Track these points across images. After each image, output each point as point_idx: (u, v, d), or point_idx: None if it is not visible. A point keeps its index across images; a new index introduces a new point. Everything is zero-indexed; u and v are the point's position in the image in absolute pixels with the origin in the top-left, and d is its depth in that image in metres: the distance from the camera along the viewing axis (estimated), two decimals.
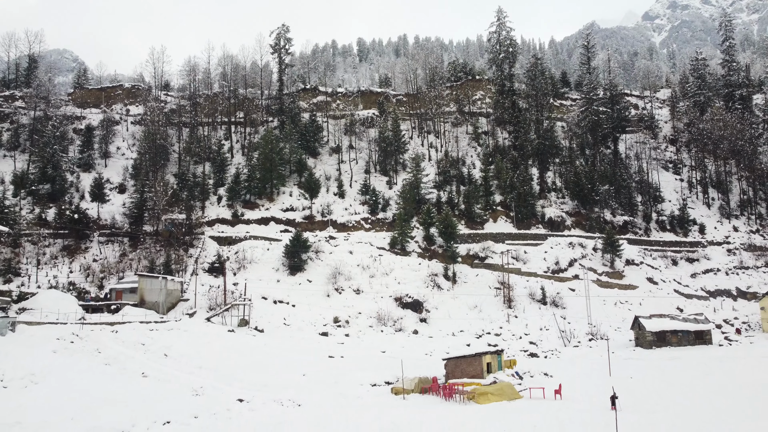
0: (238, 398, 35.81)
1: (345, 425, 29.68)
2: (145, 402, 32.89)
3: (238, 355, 50.12)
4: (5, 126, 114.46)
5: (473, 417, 30.69)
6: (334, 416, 32.17)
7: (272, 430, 28.52)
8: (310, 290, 79.69)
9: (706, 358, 54.55)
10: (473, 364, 43.05)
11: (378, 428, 28.10)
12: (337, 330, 70.23)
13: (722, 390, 36.45)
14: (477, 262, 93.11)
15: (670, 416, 28.51)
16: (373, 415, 31.60)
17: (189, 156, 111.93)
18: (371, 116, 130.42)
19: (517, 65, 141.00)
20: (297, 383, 42.88)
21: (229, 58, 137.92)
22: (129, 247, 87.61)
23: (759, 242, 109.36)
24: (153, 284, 68.07)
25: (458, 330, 74.34)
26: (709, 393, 35.64)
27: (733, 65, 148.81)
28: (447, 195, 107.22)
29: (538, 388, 38.26)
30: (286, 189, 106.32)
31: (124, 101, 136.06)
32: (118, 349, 44.54)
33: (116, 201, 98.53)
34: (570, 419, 28.68)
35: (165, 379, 39.20)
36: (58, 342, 42.98)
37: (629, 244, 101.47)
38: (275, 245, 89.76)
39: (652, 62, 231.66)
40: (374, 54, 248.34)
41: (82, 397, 32.14)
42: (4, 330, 44.60)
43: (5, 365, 34.05)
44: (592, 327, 76.26)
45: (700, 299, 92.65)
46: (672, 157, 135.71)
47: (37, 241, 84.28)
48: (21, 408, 28.78)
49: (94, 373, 37.28)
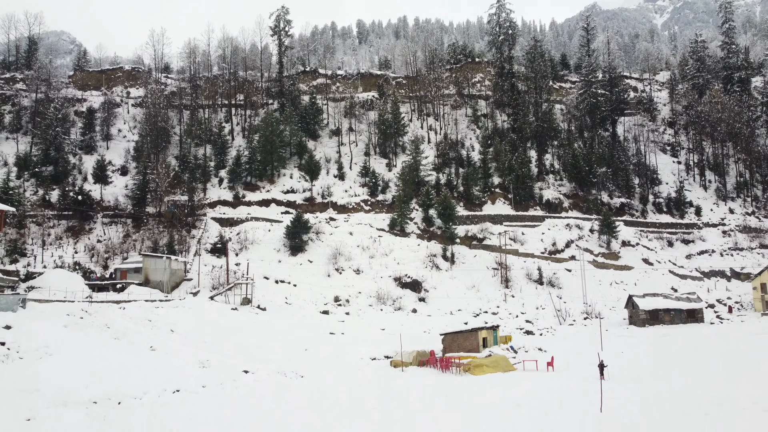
0: (243, 370, 37.33)
1: (346, 394, 31.17)
2: (155, 372, 34.36)
3: (241, 332, 51.68)
4: (7, 108, 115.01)
5: (468, 386, 32.21)
6: (336, 386, 33.72)
7: (277, 398, 30.01)
8: (311, 270, 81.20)
9: (696, 335, 56.14)
10: (470, 339, 44.59)
11: (378, 396, 29.57)
12: (337, 309, 71.89)
13: (707, 361, 37.98)
14: (475, 243, 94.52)
15: (653, 384, 30.02)
16: (373, 385, 33.14)
17: (190, 138, 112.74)
18: (371, 99, 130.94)
19: (517, 47, 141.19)
20: (299, 357, 44.45)
21: (228, 41, 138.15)
22: (132, 228, 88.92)
23: (754, 224, 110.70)
24: (157, 264, 69.51)
25: (456, 309, 75.95)
26: (694, 364, 37.18)
27: (732, 47, 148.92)
28: (446, 177, 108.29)
29: (532, 360, 39.81)
30: (287, 171, 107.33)
31: (125, 84, 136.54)
32: (126, 325, 46.04)
33: (119, 183, 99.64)
34: (560, 387, 30.18)
35: (172, 353, 40.70)
36: (68, 317, 44.41)
37: (626, 226, 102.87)
38: (276, 226, 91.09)
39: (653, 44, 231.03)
40: (374, 36, 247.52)
41: (94, 367, 33.59)
42: (15, 307, 45.94)
43: (20, 338, 35.45)
44: (587, 306, 77.93)
45: (694, 280, 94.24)
46: (670, 139, 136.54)
47: (41, 222, 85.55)
48: (38, 377, 30.19)
49: (104, 347, 38.76)
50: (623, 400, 25.52)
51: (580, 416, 22.80)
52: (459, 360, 39.49)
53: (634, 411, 23.53)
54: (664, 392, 27.37)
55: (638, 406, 24.58)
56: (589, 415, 22.87)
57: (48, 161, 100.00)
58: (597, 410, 23.32)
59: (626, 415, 22.73)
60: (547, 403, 25.65)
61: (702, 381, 30.34)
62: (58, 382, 29.90)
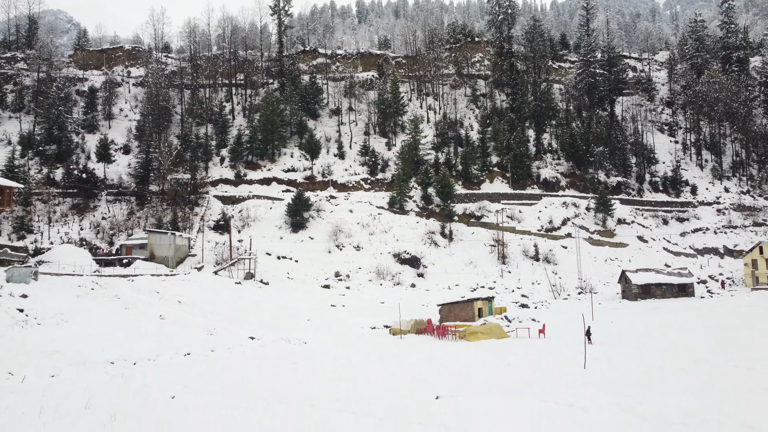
0: (249, 336, 39.19)
1: (348, 356, 33.01)
2: (165, 338, 36.22)
3: (246, 304, 53.53)
4: (9, 88, 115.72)
5: (463, 350, 34.05)
6: (337, 350, 35.56)
7: (283, 358, 31.84)
8: (312, 247, 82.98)
9: (684, 307, 58.01)
10: (466, 309, 46.42)
11: (377, 358, 31.41)
12: (338, 283, 73.79)
13: (690, 328, 39.79)
14: (473, 220, 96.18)
15: (637, 346, 31.85)
16: (372, 348, 34.99)
17: (191, 118, 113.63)
18: (370, 78, 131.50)
19: (518, 27, 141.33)
20: (302, 327, 46.33)
21: (228, 20, 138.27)
22: (136, 205, 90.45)
23: (748, 202, 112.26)
24: (162, 240, 71.14)
25: (454, 284, 77.84)
26: (678, 331, 39.00)
27: (731, 27, 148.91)
28: (445, 156, 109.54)
29: (524, 328, 41.65)
30: (287, 150, 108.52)
31: (125, 63, 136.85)
32: (135, 296, 47.84)
33: (121, 161, 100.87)
34: (549, 350, 32.03)
35: (181, 322, 42.53)
36: (80, 289, 46.18)
37: (621, 204, 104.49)
38: (278, 204, 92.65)
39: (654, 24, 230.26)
40: (373, 15, 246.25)
41: (108, 333, 35.45)
42: (27, 279, 47.69)
43: (36, 306, 37.24)
44: (581, 281, 79.86)
45: (688, 257, 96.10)
46: (668, 119, 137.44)
47: (47, 199, 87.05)
48: (56, 341, 32.00)
49: (115, 315, 40.57)
50: (607, 360, 27.34)
51: (565, 372, 24.60)
52: (455, 328, 41.32)
53: (615, 367, 25.34)
54: (645, 353, 29.20)
55: (620, 363, 26.40)
56: (574, 370, 24.68)
57: (51, 140, 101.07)
58: (581, 367, 25.13)
59: (607, 370, 24.53)
60: (536, 363, 27.47)
61: (682, 344, 32.15)
62: (76, 346, 31.73)
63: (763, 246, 79.35)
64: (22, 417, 18.24)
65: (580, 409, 17.09)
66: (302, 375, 26.33)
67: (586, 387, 20.64)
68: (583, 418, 16.05)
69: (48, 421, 17.55)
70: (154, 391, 22.78)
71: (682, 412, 16.27)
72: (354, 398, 19.85)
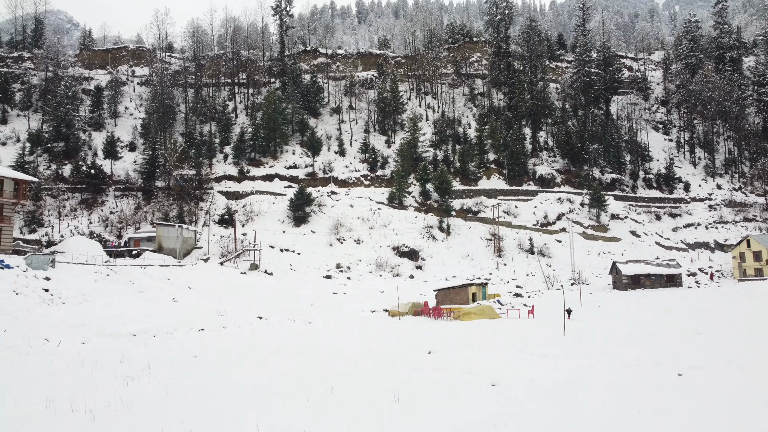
0: (257, 316, 41.90)
1: (350, 334, 35.69)
2: (180, 317, 38.91)
3: (252, 290, 56.23)
4: (16, 87, 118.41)
5: (456, 328, 36.72)
6: (340, 329, 38.24)
7: (293, 331, 34.53)
8: (314, 240, 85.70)
9: (671, 295, 60.68)
10: (460, 293, 49.09)
11: (377, 331, 34.10)
12: (339, 274, 76.52)
13: (669, 311, 42.47)
14: (470, 215, 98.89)
15: (614, 321, 34.55)
16: (372, 326, 37.67)
17: (195, 116, 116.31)
18: (370, 78, 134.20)
19: (516, 27, 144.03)
20: (306, 310, 49.04)
21: (231, 20, 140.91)
22: (143, 200, 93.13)
23: (740, 199, 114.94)
24: (170, 232, 73.83)
25: (451, 276, 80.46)
26: (656, 312, 41.68)
27: (724, 27, 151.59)
28: (443, 153, 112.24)
29: (515, 309, 44.32)
30: (289, 147, 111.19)
31: (129, 62, 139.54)
32: (148, 282, 50.52)
33: (128, 158, 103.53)
34: (535, 325, 34.71)
35: (192, 304, 45.21)
36: (96, 274, 48.83)
37: (615, 200, 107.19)
38: (280, 199, 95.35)
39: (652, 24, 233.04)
40: (373, 15, 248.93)
41: (127, 312, 38.13)
42: (45, 266, 50.29)
43: (59, 287, 39.92)
44: (574, 273, 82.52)
45: (679, 251, 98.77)
46: (662, 118, 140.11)
47: (56, 194, 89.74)
48: (81, 317, 34.70)
49: (131, 298, 43.23)
50: (584, 330, 30.05)
51: (545, 337, 27.32)
52: (450, 310, 44.01)
53: (590, 334, 28.05)
54: (621, 325, 31.90)
55: (596, 332, 29.10)
56: (554, 337, 27.39)
57: (59, 137, 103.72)
58: (561, 334, 27.84)
59: (583, 336, 27.24)
60: (521, 332, 30.19)
61: (657, 320, 34.85)
62: (99, 321, 34.46)
63: (750, 240, 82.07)
64: (67, 368, 20.94)
65: (552, 357, 19.82)
66: (308, 343, 29.01)
67: (560, 345, 23.35)
68: (552, 362, 18.76)
69: (92, 370, 20.23)
70: (177, 353, 25.47)
71: (637, 358, 18.99)
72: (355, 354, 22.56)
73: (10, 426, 12.23)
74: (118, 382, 17.43)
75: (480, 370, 17.29)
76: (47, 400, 14.40)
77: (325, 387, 14.95)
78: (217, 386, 16.13)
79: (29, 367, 21.00)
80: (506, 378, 15.87)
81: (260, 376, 17.70)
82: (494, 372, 16.86)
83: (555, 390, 14.32)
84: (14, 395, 15.63)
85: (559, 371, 17.04)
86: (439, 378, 16.14)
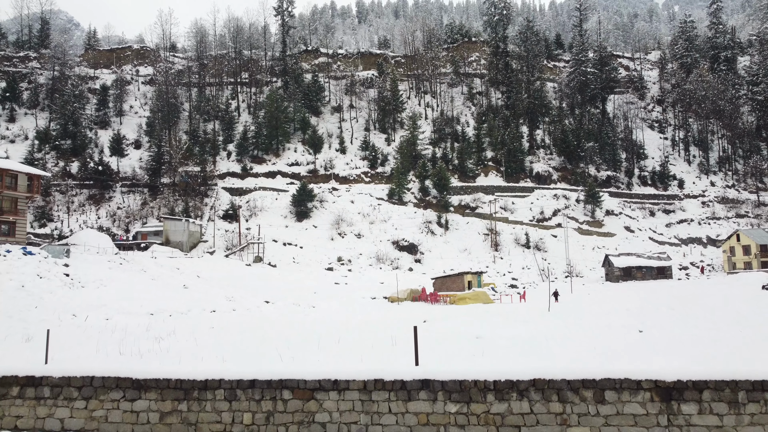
0: (264, 300, 44.34)
1: (353, 316, 38.14)
2: (192, 300, 41.35)
3: (257, 279, 58.69)
4: (24, 85, 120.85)
5: (451, 310, 39.17)
6: (343, 312, 40.69)
7: (296, 314, 36.98)
8: (316, 234, 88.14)
9: (659, 285, 63.13)
10: (457, 281, 51.53)
11: (377, 312, 36.55)
12: (341, 267, 78.99)
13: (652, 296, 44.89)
14: (468, 211, 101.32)
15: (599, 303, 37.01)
16: (373, 309, 40.13)
17: (199, 114, 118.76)
18: (371, 77, 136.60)
19: (516, 28, 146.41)
20: (310, 297, 51.46)
21: (234, 21, 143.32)
22: (149, 196, 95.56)
23: (732, 195, 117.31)
24: (177, 226, 76.27)
25: (449, 268, 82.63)
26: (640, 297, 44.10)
27: (719, 28, 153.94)
28: (442, 151, 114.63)
29: (508, 296, 46.77)
30: (291, 145, 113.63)
31: (133, 62, 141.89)
32: (159, 270, 52.97)
33: (133, 156, 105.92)
34: (524, 307, 37.16)
35: (202, 291, 47.66)
36: (110, 263, 51.28)
37: (610, 197, 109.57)
38: (283, 195, 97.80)
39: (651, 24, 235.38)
40: (373, 15, 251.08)
41: (142, 296, 40.56)
42: (61, 255, 52.84)
43: (78, 273, 42.38)
44: (569, 266, 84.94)
45: (672, 246, 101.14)
46: (658, 116, 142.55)
47: (65, 190, 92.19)
48: (101, 298, 37.13)
49: (145, 284, 45.67)
50: (569, 308, 32.50)
51: (531, 312, 29.79)
52: (446, 296, 46.45)
53: (573, 311, 30.51)
54: (603, 305, 34.34)
55: (579, 310, 31.56)
56: (540, 312, 29.85)
57: (66, 135, 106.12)
58: (546, 311, 30.30)
59: (566, 311, 29.70)
60: (510, 310, 32.64)
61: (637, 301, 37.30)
62: (118, 302, 36.91)
63: (740, 234, 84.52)
64: (100, 335, 23.37)
65: (533, 323, 22.29)
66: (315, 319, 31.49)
67: (544, 317, 25.81)
68: (533, 326, 21.24)
69: (123, 336, 22.63)
70: (195, 326, 27.90)
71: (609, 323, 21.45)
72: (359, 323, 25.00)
73: (77, 362, 14.65)
74: (151, 341, 19.86)
75: (468, 330, 19.73)
76: (96, 350, 16.82)
77: (333, 339, 17.38)
78: (237, 341, 18.56)
79: (65, 334, 23.44)
80: (491, 334, 18.30)
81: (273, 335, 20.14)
82: (481, 331, 19.31)
83: (530, 341, 16.73)
84: (62, 348, 18.04)
85: (538, 331, 19.48)
86: (432, 333, 18.56)
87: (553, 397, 8.77)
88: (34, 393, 9.60)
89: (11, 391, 9.55)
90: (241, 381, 9.28)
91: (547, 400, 8.79)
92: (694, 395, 8.63)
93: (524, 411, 8.79)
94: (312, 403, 9.13)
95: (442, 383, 8.96)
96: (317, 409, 9.20)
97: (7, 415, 9.46)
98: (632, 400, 8.71)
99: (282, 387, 9.30)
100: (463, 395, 8.91)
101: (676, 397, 8.52)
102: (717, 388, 8.56)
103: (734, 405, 8.45)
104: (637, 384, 8.72)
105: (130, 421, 9.35)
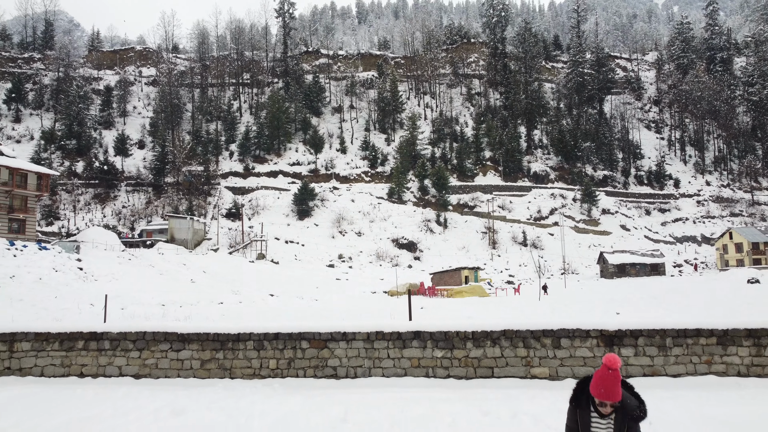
0: (269, 293, 46.16)
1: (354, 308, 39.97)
2: (200, 293, 43.18)
3: (261, 275, 60.52)
4: (29, 86, 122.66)
5: (448, 302, 41.02)
6: (344, 305, 42.50)
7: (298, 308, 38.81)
8: (317, 233, 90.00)
9: (651, 281, 64.89)
10: (454, 276, 53.36)
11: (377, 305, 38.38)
12: (341, 264, 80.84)
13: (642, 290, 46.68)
14: (466, 210, 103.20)
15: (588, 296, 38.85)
16: (373, 302, 41.97)
17: (201, 115, 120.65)
18: (370, 78, 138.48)
19: (514, 29, 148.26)
20: (312, 291, 53.32)
21: (236, 22, 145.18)
22: (153, 195, 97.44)
23: (727, 195, 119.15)
24: (181, 224, 78.07)
25: (448, 266, 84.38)
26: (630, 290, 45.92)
27: (715, 29, 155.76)
28: (441, 151, 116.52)
29: (503, 290, 48.60)
30: (292, 145, 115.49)
31: (137, 63, 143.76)
32: (167, 266, 54.82)
33: (137, 155, 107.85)
34: (518, 299, 39.01)
35: (209, 284, 49.52)
36: (119, 258, 53.13)
37: (606, 196, 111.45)
38: (284, 194, 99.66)
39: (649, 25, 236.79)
40: (373, 16, 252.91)
41: (152, 288, 42.39)
42: (71, 251, 54.69)
43: (90, 267, 44.21)
44: (565, 264, 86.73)
45: (667, 244, 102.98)
46: (655, 117, 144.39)
47: (71, 189, 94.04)
48: (115, 290, 38.92)
49: (154, 278, 47.52)
50: (558, 299, 34.33)
51: (522, 302, 31.62)
52: (443, 290, 48.28)
53: (562, 300, 32.35)
54: (591, 297, 36.18)
55: (567, 300, 33.39)
56: (530, 302, 31.68)
57: (72, 135, 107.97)
58: (536, 300, 32.13)
59: (554, 301, 31.53)
60: (504, 301, 34.48)
61: (626, 293, 39.13)
62: (130, 294, 38.72)
63: (732, 232, 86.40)
64: (121, 318, 25.20)
65: (521, 309, 24.14)
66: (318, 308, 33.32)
67: (533, 306, 27.65)
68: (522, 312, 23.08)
69: (141, 320, 24.49)
70: (206, 313, 29.73)
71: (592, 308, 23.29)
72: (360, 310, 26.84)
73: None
74: (169, 321, 21.68)
75: (460, 314, 21.59)
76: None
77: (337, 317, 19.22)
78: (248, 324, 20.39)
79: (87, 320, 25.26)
80: (482, 316, 20.14)
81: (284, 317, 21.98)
82: (473, 313, 21.15)
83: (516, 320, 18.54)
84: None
85: (524, 315, 21.34)
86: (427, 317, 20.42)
87: (520, 344, 10.84)
88: (96, 345, 11.54)
89: (77, 344, 11.50)
90: (267, 334, 11.32)
91: (515, 346, 10.85)
92: (631, 341, 10.61)
93: (496, 355, 10.85)
94: (325, 351, 11.15)
95: (430, 334, 11.02)
96: (329, 356, 11.17)
97: (74, 363, 11.41)
98: (582, 346, 10.73)
99: (301, 338, 11.29)
100: (447, 343, 10.97)
101: (617, 343, 10.59)
102: (649, 335, 10.54)
103: (662, 348, 10.48)
104: (587, 333, 10.75)
105: (176, 367, 11.30)
